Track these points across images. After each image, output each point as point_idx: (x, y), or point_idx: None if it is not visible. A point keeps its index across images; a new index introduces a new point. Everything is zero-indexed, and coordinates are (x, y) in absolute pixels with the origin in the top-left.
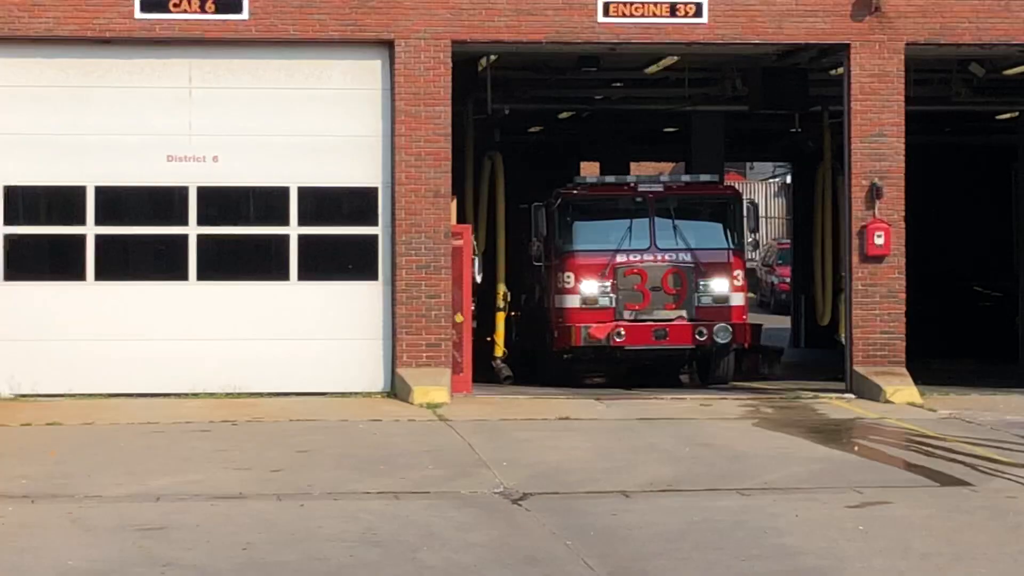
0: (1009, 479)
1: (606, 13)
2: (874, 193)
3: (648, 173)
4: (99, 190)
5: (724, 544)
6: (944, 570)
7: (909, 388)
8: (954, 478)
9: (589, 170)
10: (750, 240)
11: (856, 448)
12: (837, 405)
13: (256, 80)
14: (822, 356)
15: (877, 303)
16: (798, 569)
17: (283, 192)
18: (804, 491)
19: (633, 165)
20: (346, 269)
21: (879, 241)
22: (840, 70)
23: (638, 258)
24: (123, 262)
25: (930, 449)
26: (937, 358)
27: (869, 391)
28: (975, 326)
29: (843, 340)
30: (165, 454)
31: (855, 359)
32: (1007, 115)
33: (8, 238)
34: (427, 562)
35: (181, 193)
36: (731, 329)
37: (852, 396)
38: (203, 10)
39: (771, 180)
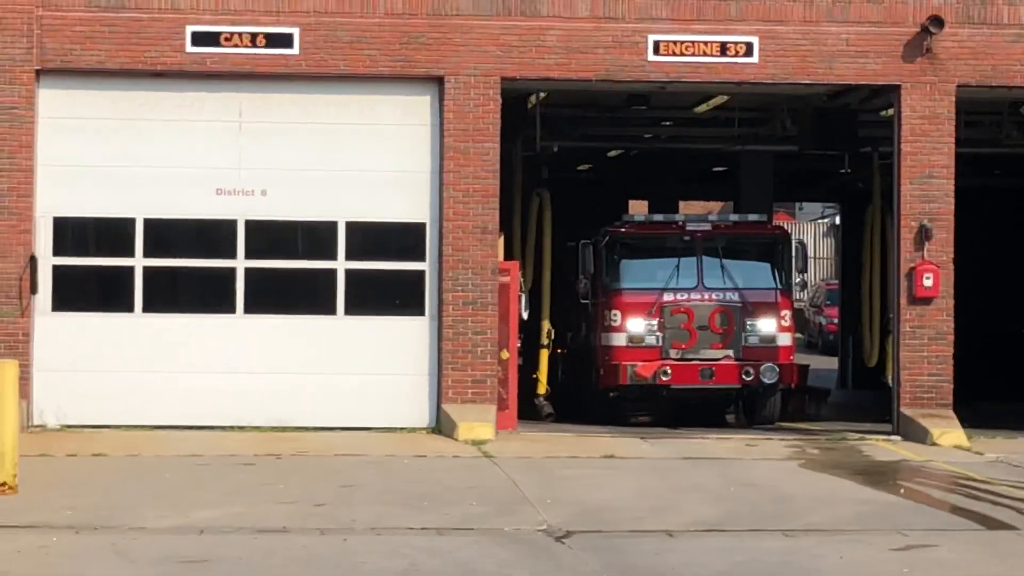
0: None
1: (656, 52)
2: (923, 235)
3: (696, 212)
4: (148, 222)
5: None
6: None
7: (956, 431)
8: (1000, 522)
9: (637, 208)
10: (798, 280)
11: (902, 491)
12: (883, 447)
13: (305, 114)
14: (869, 397)
15: (925, 345)
16: None
17: (331, 227)
18: (849, 533)
19: (682, 204)
20: (393, 304)
21: (928, 283)
22: (890, 111)
23: (685, 297)
24: (171, 294)
25: (976, 493)
26: (984, 400)
27: (915, 433)
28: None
29: (890, 382)
30: (209, 487)
31: (902, 401)
32: None
33: (57, 269)
34: None
35: (230, 226)
36: (778, 369)
37: (898, 438)
38: (254, 44)
39: (820, 220)
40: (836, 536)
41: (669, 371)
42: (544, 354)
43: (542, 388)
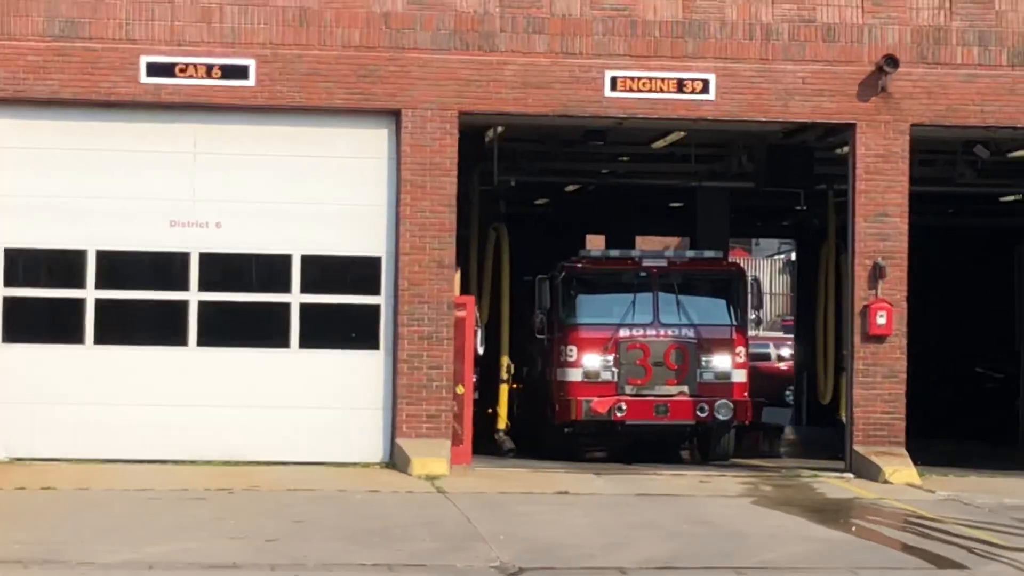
0: (1005, 563)
1: (613, 88)
2: (877, 273)
3: (654, 247)
4: (100, 254)
5: None
6: None
7: (908, 469)
8: (950, 560)
9: (595, 243)
10: (752, 317)
11: (854, 528)
12: (836, 484)
13: (261, 146)
14: (823, 434)
15: (878, 383)
16: None
17: (285, 260)
18: (801, 571)
19: (639, 239)
20: (348, 338)
21: (881, 321)
22: (846, 149)
23: (641, 333)
24: (123, 326)
25: (927, 531)
26: (938, 439)
27: (868, 471)
28: (976, 408)
29: (844, 419)
30: (160, 521)
31: (855, 438)
32: (1011, 197)
33: (7, 300)
34: None
35: (183, 259)
36: (732, 406)
37: (851, 476)
38: (209, 76)
39: (776, 257)
40: (789, 574)
41: (624, 407)
42: (504, 389)
43: (502, 423)
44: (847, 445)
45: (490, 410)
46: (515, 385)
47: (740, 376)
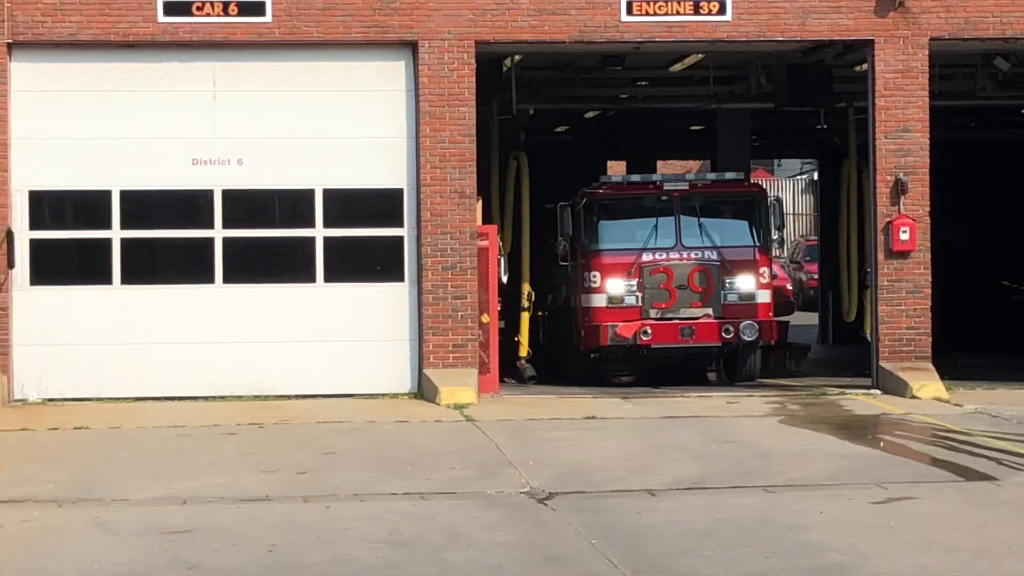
0: None
1: (629, 12)
2: (899, 189)
3: (675, 171)
4: (124, 194)
5: (749, 542)
6: (969, 565)
7: (935, 383)
8: (979, 473)
9: (616, 169)
10: (776, 237)
11: (881, 444)
12: (863, 401)
13: (280, 82)
14: (849, 352)
15: (903, 299)
16: (822, 566)
17: (308, 194)
18: (829, 488)
19: (660, 164)
20: (372, 271)
21: (904, 237)
22: (864, 66)
23: (664, 256)
24: (149, 266)
25: (955, 444)
26: (964, 353)
27: (895, 387)
28: (1003, 321)
29: (869, 336)
30: (191, 457)
31: (881, 355)
32: None
33: (34, 243)
34: (452, 562)
35: (206, 196)
36: (757, 326)
37: (878, 392)
38: (226, 13)
39: (799, 177)
40: (817, 491)
41: (649, 331)
42: (525, 317)
43: (524, 351)
44: (873, 362)
45: (515, 339)
46: (540, 313)
47: (764, 296)
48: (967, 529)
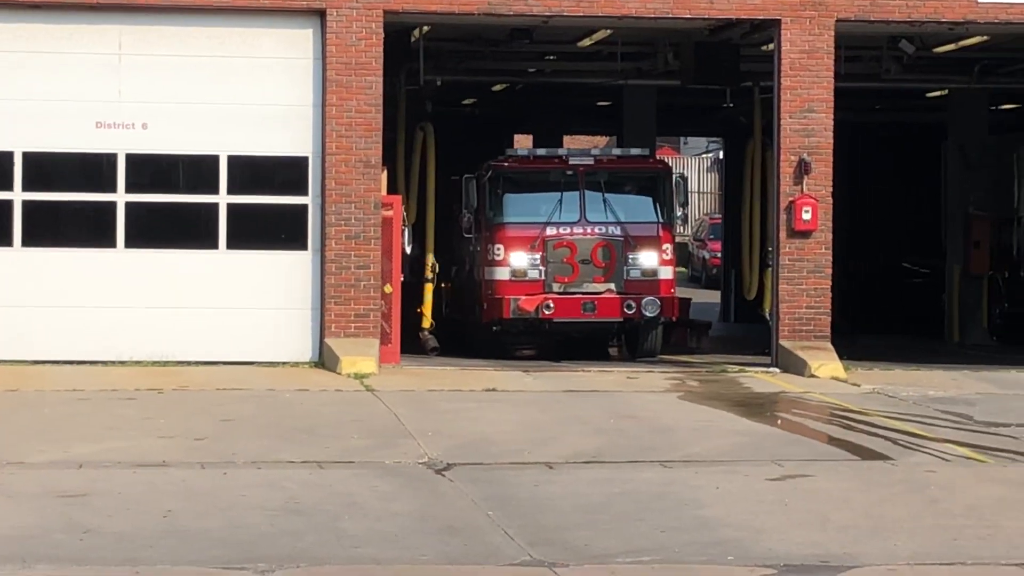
0: (929, 453)
1: None
2: (802, 168)
3: (582, 147)
4: (27, 156)
5: (645, 515)
6: (861, 542)
7: (834, 363)
8: (875, 452)
9: (523, 143)
10: (679, 214)
11: (779, 422)
12: (762, 379)
13: (187, 47)
14: (751, 330)
15: (804, 278)
16: (717, 541)
17: (213, 160)
18: (726, 464)
19: (567, 138)
20: (275, 238)
21: (806, 216)
22: (771, 46)
23: (568, 231)
24: (51, 228)
25: (852, 423)
26: (864, 334)
27: (794, 365)
28: (903, 302)
29: (769, 315)
30: (89, 422)
31: (781, 333)
32: (937, 93)
33: None
34: (349, 531)
35: (110, 160)
36: (659, 302)
37: (777, 370)
38: None
39: (704, 155)
40: (714, 467)
41: (552, 305)
42: (428, 288)
43: (427, 322)
44: (773, 340)
45: (418, 310)
46: (444, 285)
47: (667, 273)
48: (861, 507)
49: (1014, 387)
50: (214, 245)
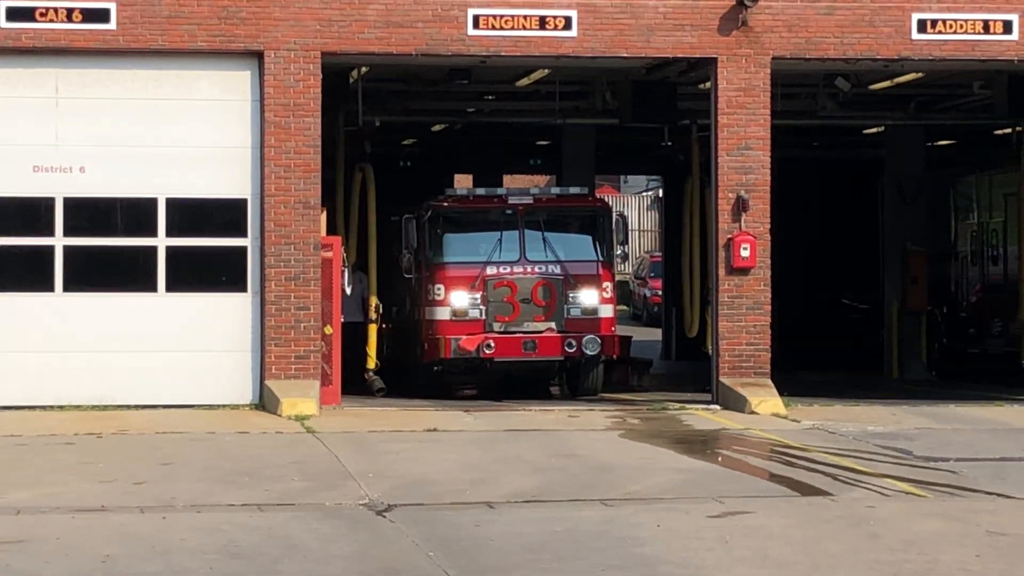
0: (868, 488)
1: (476, 26)
2: (740, 206)
3: (521, 186)
4: None
5: (585, 554)
6: None
7: (774, 399)
8: (815, 488)
9: (463, 182)
10: (619, 252)
11: (719, 459)
12: (703, 416)
13: (124, 90)
14: (691, 368)
15: (743, 315)
16: None
17: (151, 203)
18: (667, 501)
19: (507, 178)
20: (215, 281)
21: (745, 253)
22: (708, 84)
23: (508, 270)
24: None
25: (792, 459)
26: (804, 370)
27: (735, 402)
28: (843, 338)
29: (710, 351)
30: (27, 467)
31: (721, 370)
32: (873, 129)
33: None
34: (288, 574)
35: (47, 204)
36: (600, 341)
37: (718, 407)
38: (70, 19)
39: (644, 193)
40: (654, 504)
41: (492, 344)
42: (372, 329)
43: (371, 363)
44: (713, 377)
45: (361, 351)
46: (384, 325)
47: (607, 311)
48: (801, 543)
49: (953, 422)
50: (153, 288)
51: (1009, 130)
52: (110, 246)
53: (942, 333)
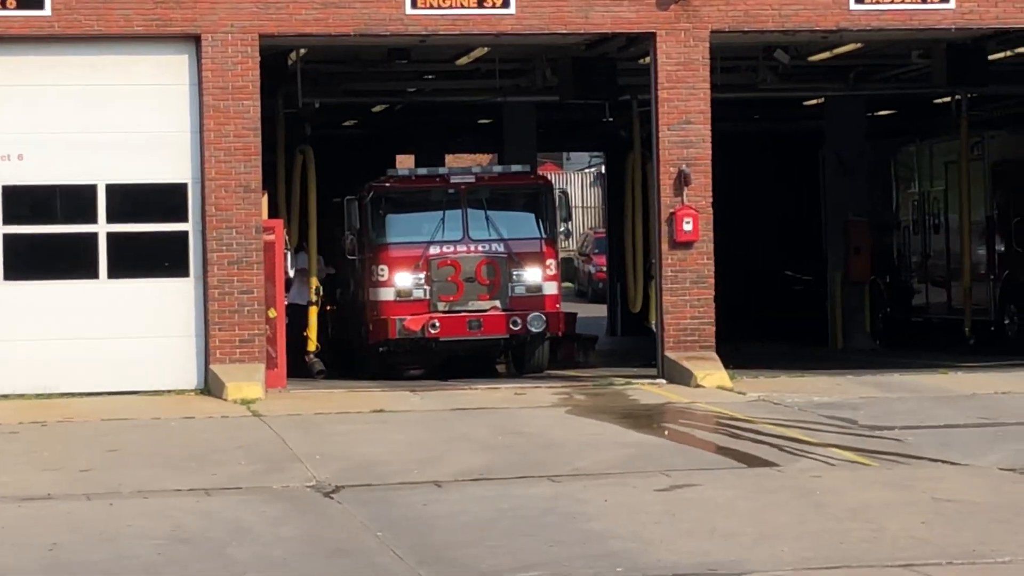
0: (814, 458)
1: (414, 5)
2: (682, 180)
3: (464, 165)
4: None
5: (533, 531)
6: (749, 550)
7: (719, 372)
8: (761, 459)
9: (405, 163)
10: (562, 229)
11: (666, 432)
12: (649, 391)
13: (62, 76)
14: (637, 343)
15: (687, 289)
16: (606, 553)
17: (91, 190)
18: (614, 476)
19: (449, 157)
20: (157, 266)
21: (688, 227)
22: (648, 59)
23: (451, 249)
24: None
25: (738, 431)
26: (749, 343)
27: (680, 376)
28: (787, 310)
29: (654, 326)
30: None
31: (666, 345)
32: (813, 101)
33: None
34: (236, 557)
35: None
36: (545, 318)
37: (664, 381)
38: (4, 6)
39: (587, 170)
40: (602, 480)
41: (437, 324)
42: (313, 311)
43: (312, 345)
44: (659, 351)
45: (304, 334)
46: (328, 307)
47: (551, 288)
48: (747, 515)
49: (897, 390)
50: (95, 275)
51: (948, 99)
52: (50, 233)
53: (885, 303)
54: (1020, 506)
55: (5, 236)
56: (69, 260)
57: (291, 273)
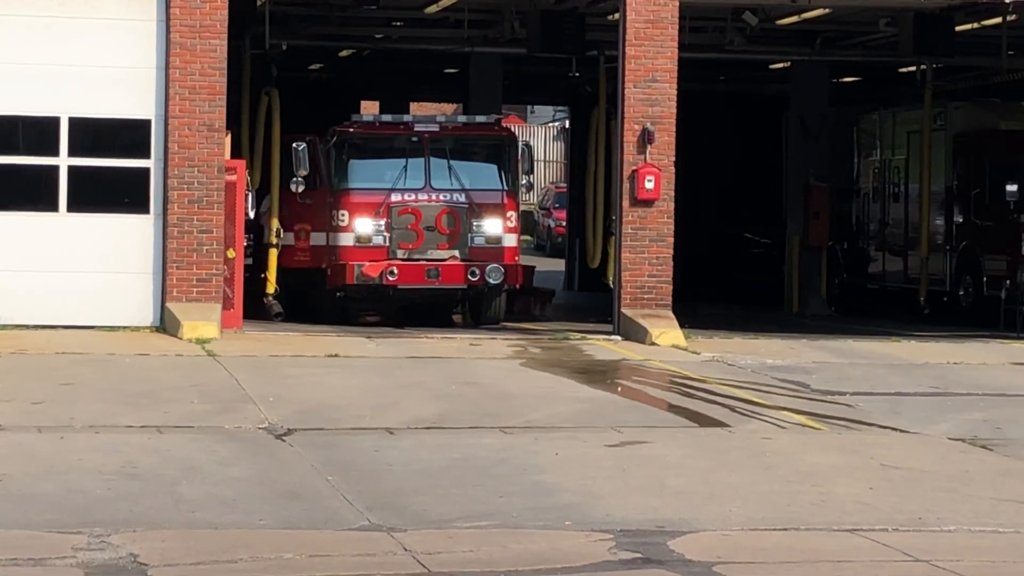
0: (765, 420)
1: None
2: (646, 138)
3: (429, 114)
4: None
5: (484, 481)
6: (697, 508)
7: (674, 331)
8: (712, 419)
9: (369, 109)
10: (524, 182)
11: (619, 389)
12: (604, 346)
13: (28, 8)
14: (594, 299)
15: (646, 247)
16: (555, 506)
17: (53, 122)
18: (566, 430)
19: (414, 106)
20: (117, 202)
21: (649, 185)
22: (617, 15)
23: (412, 197)
24: None
25: (691, 391)
26: (706, 303)
27: (636, 333)
28: (745, 273)
29: (612, 283)
30: None
31: (623, 301)
32: (780, 64)
33: None
34: (186, 495)
35: None
36: (503, 270)
37: (619, 338)
38: None
39: (551, 124)
40: (553, 433)
41: (396, 271)
42: (273, 253)
43: (271, 287)
44: (615, 308)
45: (262, 275)
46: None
47: (511, 240)
48: (697, 473)
49: (850, 356)
50: (54, 208)
51: (913, 68)
52: (11, 164)
53: (842, 269)
54: (967, 476)
55: None
56: (29, 192)
57: (251, 214)
